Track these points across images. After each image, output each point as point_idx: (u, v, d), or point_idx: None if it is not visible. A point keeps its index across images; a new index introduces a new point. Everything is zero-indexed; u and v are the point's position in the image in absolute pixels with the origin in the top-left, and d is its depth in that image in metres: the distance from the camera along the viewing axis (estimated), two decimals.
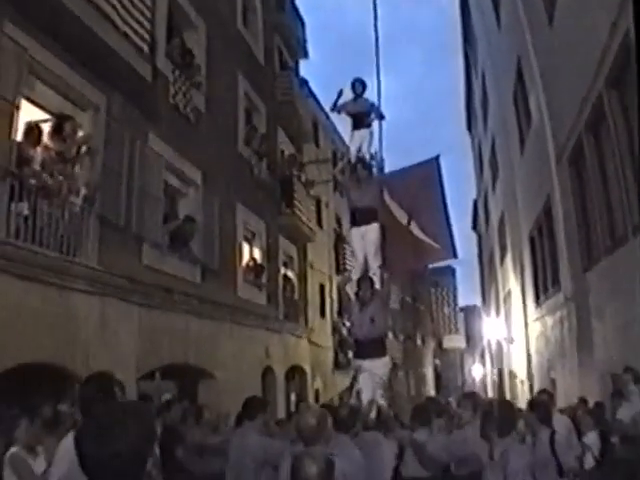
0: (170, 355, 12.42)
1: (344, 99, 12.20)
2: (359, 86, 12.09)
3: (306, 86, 24.90)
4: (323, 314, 26.52)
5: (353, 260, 13.90)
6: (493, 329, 34.41)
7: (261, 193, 18.93)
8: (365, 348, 10.00)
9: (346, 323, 22.85)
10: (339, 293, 26.54)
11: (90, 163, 10.44)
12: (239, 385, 14.36)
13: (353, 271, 12.69)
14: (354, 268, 12.52)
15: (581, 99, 11.36)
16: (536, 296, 19.52)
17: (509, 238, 26.51)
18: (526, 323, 21.85)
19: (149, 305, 11.72)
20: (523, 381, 23.58)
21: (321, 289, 26.73)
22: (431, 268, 46.29)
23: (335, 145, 30.84)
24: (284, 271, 21.52)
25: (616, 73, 9.50)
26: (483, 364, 56.36)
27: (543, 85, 15.09)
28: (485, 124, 32.34)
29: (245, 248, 17.98)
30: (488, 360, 47.70)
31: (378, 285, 10.36)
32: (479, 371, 61.94)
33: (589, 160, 11.94)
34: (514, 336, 26.11)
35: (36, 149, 9.20)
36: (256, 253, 18.76)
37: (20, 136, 8.93)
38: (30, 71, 9.15)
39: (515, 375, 27.09)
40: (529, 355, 21.40)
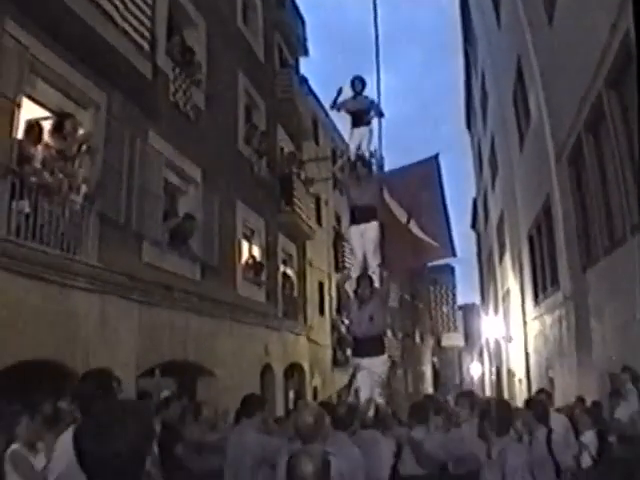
0: (170, 352, 12.45)
1: (344, 97, 12.20)
2: (359, 84, 12.09)
3: (306, 84, 24.88)
4: (322, 312, 26.54)
5: (352, 258, 13.91)
6: (492, 327, 34.40)
7: (261, 191, 18.95)
8: (364, 346, 10.00)
9: (345, 321, 22.86)
10: (338, 291, 26.52)
11: (90, 161, 10.46)
12: (238, 382, 14.38)
13: (352, 269, 12.69)
14: (353, 266, 12.53)
15: (580, 99, 11.39)
16: (535, 295, 19.54)
17: (508, 237, 26.51)
18: (525, 322, 21.85)
19: (149, 302, 11.74)
20: (521, 380, 23.60)
21: (320, 287, 26.75)
22: (430, 266, 46.39)
23: (335, 143, 30.83)
24: (283, 269, 21.52)
25: (615, 73, 9.52)
26: (482, 362, 56.31)
27: (543, 84, 15.11)
28: (485, 123, 32.34)
29: (244, 246, 17.99)
30: (486, 358, 47.67)
31: (377, 283, 10.37)
32: (477, 369, 61.90)
33: (588, 160, 11.96)
34: (513, 335, 26.11)
35: (37, 147, 9.22)
36: (255, 251, 18.76)
37: (21, 134, 8.95)
38: (31, 69, 9.17)
39: (513, 374, 27.09)
40: (527, 354, 21.43)
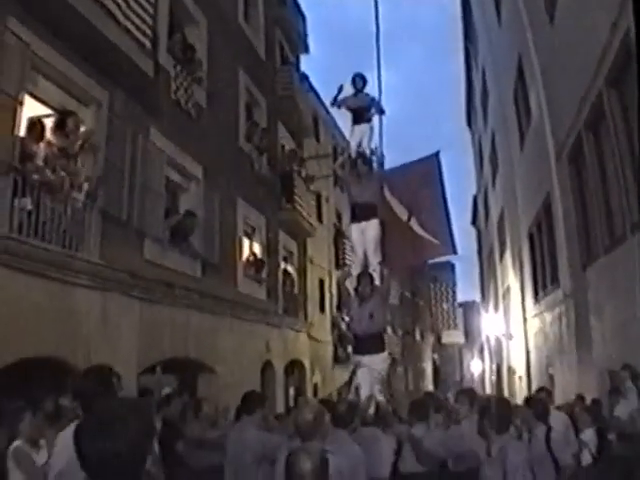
0: (171, 349, 12.48)
1: (345, 94, 12.20)
2: (359, 81, 12.09)
3: (307, 81, 24.86)
4: (322, 309, 26.55)
5: (353, 255, 13.93)
6: (492, 325, 34.39)
7: (261, 188, 18.97)
8: (364, 344, 10.02)
9: (345, 318, 22.87)
10: (338, 288, 26.61)
11: (92, 159, 10.49)
12: (239, 379, 14.42)
13: (353, 266, 12.72)
14: (354, 263, 12.55)
15: (581, 97, 11.40)
16: (535, 292, 19.56)
17: (508, 234, 26.52)
18: (525, 319, 21.87)
19: (150, 300, 11.78)
20: (521, 377, 23.62)
21: (321, 284, 26.75)
22: (430, 263, 46.22)
23: (335, 140, 30.82)
24: (284, 266, 21.54)
25: (616, 72, 9.54)
26: (482, 360, 56.34)
27: (543, 83, 15.12)
28: (485, 120, 32.33)
29: (245, 243, 18.02)
30: (487, 356, 47.69)
31: (378, 281, 10.40)
32: (478, 366, 61.94)
33: (588, 158, 11.98)
34: (513, 332, 26.11)
35: (39, 145, 9.24)
36: (256, 248, 18.79)
37: (23, 132, 8.97)
38: (33, 67, 9.19)
39: (514, 371, 27.10)
40: (528, 351, 21.44)
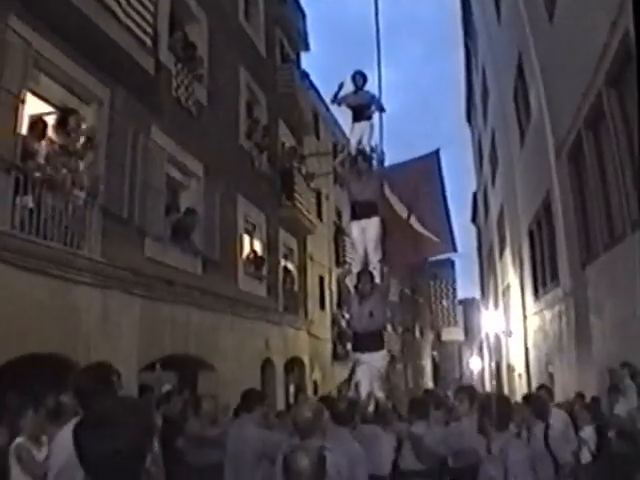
0: (171, 346, 12.50)
1: (345, 91, 12.20)
2: (360, 79, 12.06)
3: (307, 78, 24.85)
4: (322, 306, 26.57)
5: (353, 252, 13.94)
6: (492, 322, 34.36)
7: (262, 185, 19.00)
8: (363, 341, 10.04)
9: (345, 315, 22.90)
10: (338, 285, 26.60)
11: (94, 156, 10.52)
12: (239, 376, 14.45)
13: (353, 264, 12.73)
14: (354, 261, 12.55)
15: (580, 96, 11.43)
16: (535, 290, 19.58)
17: (508, 232, 26.53)
18: (525, 317, 21.89)
19: (151, 297, 11.81)
20: (521, 374, 23.64)
21: (321, 281, 26.78)
22: (430, 261, 46.18)
23: (336, 137, 30.82)
24: (284, 263, 21.57)
25: (615, 71, 9.57)
26: (481, 357, 56.37)
27: (543, 81, 15.14)
28: (485, 118, 32.32)
29: (246, 240, 18.05)
30: (486, 353, 47.70)
31: (378, 279, 10.42)
32: (477, 364, 61.95)
33: (588, 157, 12.01)
34: (512, 329, 26.15)
35: (41, 142, 9.27)
36: (256, 245, 18.82)
37: (25, 130, 9.00)
38: (35, 65, 9.23)
39: (513, 368, 27.12)
40: (527, 349, 21.48)
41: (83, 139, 10.16)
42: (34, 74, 9.34)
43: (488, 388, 42.14)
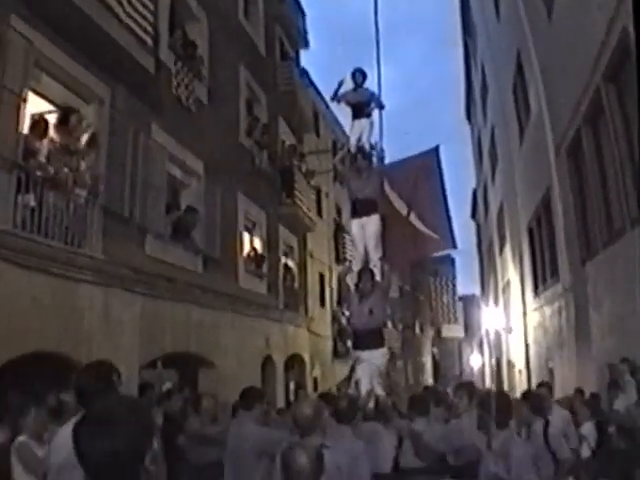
0: (172, 344, 12.53)
1: (344, 89, 12.21)
2: (359, 76, 12.07)
3: (306, 76, 24.88)
4: (323, 303, 26.60)
5: (353, 250, 13.95)
6: (492, 319, 34.32)
7: (262, 183, 19.02)
8: (364, 339, 10.07)
9: (345, 312, 22.91)
10: (339, 282, 26.61)
11: (95, 155, 10.54)
12: (239, 374, 14.50)
13: (354, 262, 12.73)
14: (354, 259, 12.56)
15: (579, 92, 11.44)
16: (535, 286, 19.58)
17: (508, 228, 26.52)
18: (525, 313, 21.88)
19: (152, 295, 11.83)
20: (521, 371, 23.65)
21: (321, 278, 26.79)
22: (431, 257, 46.24)
23: (335, 135, 30.83)
24: (284, 261, 21.60)
25: (614, 67, 9.59)
26: (482, 353, 56.32)
27: (542, 78, 15.14)
28: (484, 114, 32.29)
29: (246, 238, 18.08)
30: (486, 349, 47.70)
31: (378, 277, 10.43)
32: (477, 360, 61.86)
33: (587, 153, 12.02)
34: (512, 326, 26.15)
35: (42, 141, 9.30)
36: (257, 243, 18.83)
37: (26, 128, 9.03)
38: (36, 64, 9.25)
39: (513, 365, 27.13)
40: (527, 345, 21.47)
41: (86, 138, 10.20)
42: (35, 73, 9.37)
43: (488, 385, 42.13)
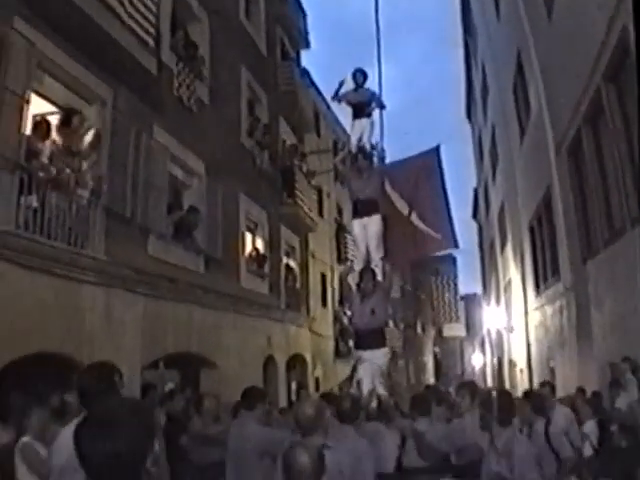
0: (174, 344, 12.55)
1: (345, 89, 12.21)
2: (360, 76, 12.05)
3: (307, 76, 24.91)
4: (324, 303, 26.61)
5: (354, 249, 13.95)
6: (493, 318, 34.33)
7: (263, 183, 19.04)
8: (365, 339, 10.07)
9: (347, 312, 22.92)
10: (340, 282, 26.60)
11: (97, 156, 10.57)
12: (241, 374, 14.51)
13: (355, 262, 12.75)
14: (356, 258, 12.57)
15: (579, 92, 11.47)
16: (536, 285, 19.60)
17: (509, 227, 26.54)
18: (526, 312, 21.89)
19: (154, 295, 11.85)
20: (523, 370, 23.66)
21: (322, 278, 26.80)
22: (432, 256, 46.19)
23: (336, 135, 30.81)
24: (286, 261, 21.62)
25: (614, 67, 9.62)
26: (483, 353, 56.28)
27: (542, 77, 15.16)
28: (485, 113, 32.29)
29: (248, 238, 18.07)
30: (488, 349, 47.70)
31: (380, 276, 10.44)
32: (479, 360, 61.85)
33: (588, 153, 12.05)
34: (514, 325, 26.16)
35: (45, 142, 9.33)
36: (258, 243, 18.85)
37: (29, 130, 9.06)
38: (39, 65, 9.28)
39: (515, 364, 27.13)
40: (529, 344, 21.47)
41: (90, 139, 10.23)
42: (38, 75, 9.40)
43: (490, 384, 42.13)
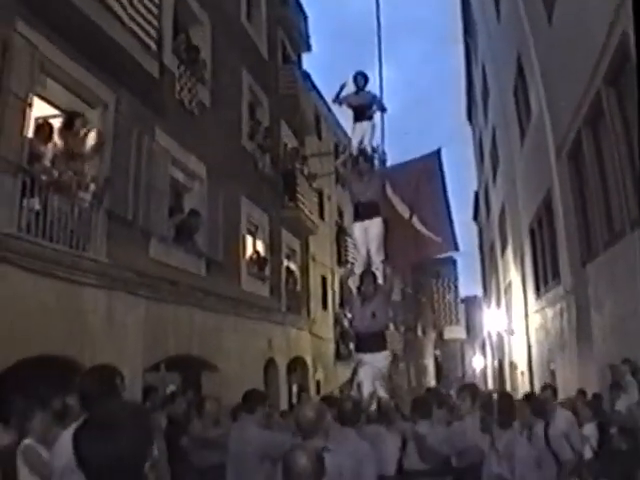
0: (175, 347, 12.56)
1: (346, 92, 12.23)
2: (361, 79, 12.06)
3: (308, 79, 24.93)
4: (325, 306, 26.63)
5: (355, 252, 13.96)
6: (494, 320, 34.38)
7: (264, 186, 19.07)
8: (366, 342, 10.04)
9: (348, 315, 22.93)
10: (341, 285, 26.63)
11: (99, 159, 10.60)
12: (242, 376, 14.51)
13: (356, 265, 12.75)
14: (356, 261, 12.58)
15: (580, 95, 11.49)
16: (536, 288, 19.62)
17: (509, 230, 26.56)
18: (526, 314, 21.91)
19: (155, 298, 11.87)
20: (523, 372, 23.68)
21: (323, 281, 26.82)
22: (432, 259, 46.24)
23: (337, 137, 30.88)
24: (287, 263, 21.64)
25: (614, 70, 9.64)
26: (484, 355, 56.32)
27: (543, 80, 15.19)
28: (486, 116, 32.30)
29: (249, 241, 18.09)
30: (489, 351, 47.73)
31: (380, 280, 10.44)
32: (480, 362, 61.85)
33: (588, 155, 12.07)
34: (514, 327, 26.18)
35: (47, 145, 9.36)
36: (259, 246, 18.86)
37: (31, 133, 9.08)
38: (41, 69, 9.30)
39: (515, 366, 27.15)
40: (529, 346, 21.49)
41: (92, 142, 10.26)
42: (41, 78, 9.43)
43: (491, 386, 42.13)
